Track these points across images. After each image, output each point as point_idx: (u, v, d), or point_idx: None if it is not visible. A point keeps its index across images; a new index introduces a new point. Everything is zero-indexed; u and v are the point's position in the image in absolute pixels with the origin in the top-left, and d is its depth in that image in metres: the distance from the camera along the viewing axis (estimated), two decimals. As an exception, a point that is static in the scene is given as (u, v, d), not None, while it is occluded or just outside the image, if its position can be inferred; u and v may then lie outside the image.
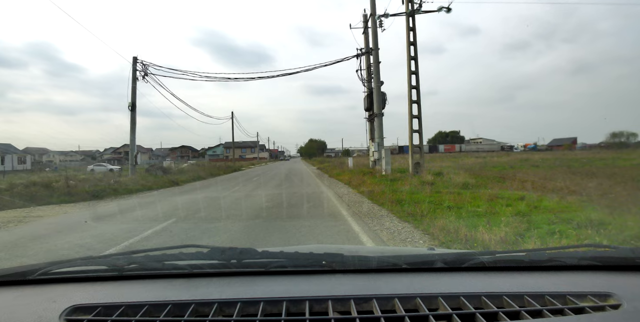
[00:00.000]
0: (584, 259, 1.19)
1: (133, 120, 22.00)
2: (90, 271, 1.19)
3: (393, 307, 0.96)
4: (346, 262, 1.17)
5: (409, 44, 16.16)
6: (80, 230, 6.86)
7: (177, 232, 6.26)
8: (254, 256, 1.19)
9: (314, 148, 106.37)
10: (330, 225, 6.58)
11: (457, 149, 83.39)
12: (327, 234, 5.87)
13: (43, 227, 7.48)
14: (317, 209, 8.62)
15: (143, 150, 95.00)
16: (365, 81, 21.31)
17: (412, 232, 5.84)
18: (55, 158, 78.60)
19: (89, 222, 7.75)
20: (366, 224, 6.57)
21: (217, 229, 6.41)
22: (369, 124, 21.65)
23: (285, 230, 6.15)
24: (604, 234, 4.69)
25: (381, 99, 19.20)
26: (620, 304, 0.92)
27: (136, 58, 22.15)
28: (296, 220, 7.02)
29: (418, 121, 16.15)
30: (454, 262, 1.19)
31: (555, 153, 47.28)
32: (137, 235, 6.05)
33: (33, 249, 5.48)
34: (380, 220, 6.97)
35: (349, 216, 7.46)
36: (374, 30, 19.32)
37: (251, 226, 6.63)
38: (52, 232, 6.78)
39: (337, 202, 9.82)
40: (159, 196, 13.59)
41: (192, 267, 1.16)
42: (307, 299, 0.98)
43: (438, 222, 5.90)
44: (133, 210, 9.61)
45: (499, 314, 0.90)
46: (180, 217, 7.69)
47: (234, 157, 62.03)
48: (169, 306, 0.95)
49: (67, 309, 0.95)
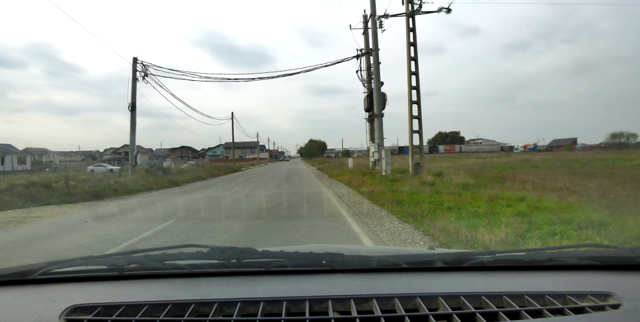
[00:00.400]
0: (584, 258, 1.19)
1: (133, 121, 22.01)
2: (90, 271, 1.19)
3: (393, 307, 0.96)
4: (346, 262, 1.17)
5: (409, 45, 16.17)
6: (80, 230, 6.85)
7: (176, 232, 6.25)
8: (254, 256, 1.19)
9: (314, 148, 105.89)
10: (330, 226, 6.57)
11: (457, 150, 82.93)
12: (328, 234, 5.86)
13: (43, 227, 7.46)
14: (317, 210, 8.61)
15: (143, 150, 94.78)
16: (366, 82, 21.33)
17: (412, 233, 5.83)
18: (55, 158, 78.63)
19: (89, 222, 7.75)
20: (366, 225, 6.56)
21: (216, 229, 6.40)
22: (369, 124, 21.66)
23: (285, 231, 6.14)
24: (605, 234, 4.69)
25: (381, 99, 19.20)
26: (620, 304, 0.92)
27: (136, 59, 22.18)
28: (296, 220, 7.01)
29: (418, 122, 16.14)
30: (454, 262, 1.20)
31: (555, 154, 47.23)
32: (137, 236, 6.04)
33: (33, 248, 5.48)
34: (380, 221, 6.96)
35: (349, 217, 7.46)
36: (374, 31, 19.34)
37: (251, 227, 6.63)
38: (52, 233, 6.78)
39: (337, 203, 9.79)
40: (158, 196, 13.56)
41: (192, 267, 1.16)
42: (307, 298, 0.98)
43: (438, 223, 5.88)
44: (133, 210, 9.56)
45: (499, 313, 0.90)
46: (180, 218, 7.68)
47: (234, 157, 61.93)
48: (169, 305, 0.95)
49: (67, 309, 0.95)
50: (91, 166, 47.44)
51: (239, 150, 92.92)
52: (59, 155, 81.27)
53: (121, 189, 14.56)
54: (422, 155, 16.31)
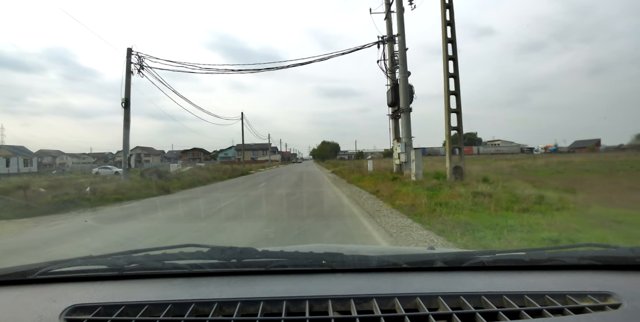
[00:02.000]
0: (584, 258, 1.18)
1: (127, 119, 19.57)
2: (90, 271, 1.18)
3: (393, 306, 0.96)
4: (346, 262, 1.16)
5: (444, 25, 13.41)
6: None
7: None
8: (254, 256, 1.18)
9: (327, 150, 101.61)
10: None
11: (475, 152, 77.75)
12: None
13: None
14: (346, 242, 5.51)
15: (155, 152, 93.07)
16: (389, 72, 18.43)
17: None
18: (68, 160, 77.80)
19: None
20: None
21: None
22: (393, 121, 18.74)
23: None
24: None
25: (408, 91, 16.48)
26: (620, 304, 0.92)
27: (131, 49, 19.83)
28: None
29: (457, 117, 13.29)
30: (454, 262, 1.19)
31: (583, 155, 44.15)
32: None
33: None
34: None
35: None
36: (399, 13, 16.60)
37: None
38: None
39: (372, 228, 6.52)
40: (129, 210, 10.73)
41: (192, 267, 1.15)
42: (307, 298, 0.97)
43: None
44: (66, 240, 6.59)
45: (499, 313, 0.89)
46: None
47: (243, 159, 60.08)
48: (169, 305, 0.95)
49: (67, 309, 0.95)
50: (96, 168, 46.33)
51: (250, 152, 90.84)
52: (71, 158, 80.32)
53: (95, 198, 11.92)
54: (462, 157, 13.42)
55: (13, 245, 6.43)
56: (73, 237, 6.92)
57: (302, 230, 6.28)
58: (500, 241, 4.89)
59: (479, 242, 4.95)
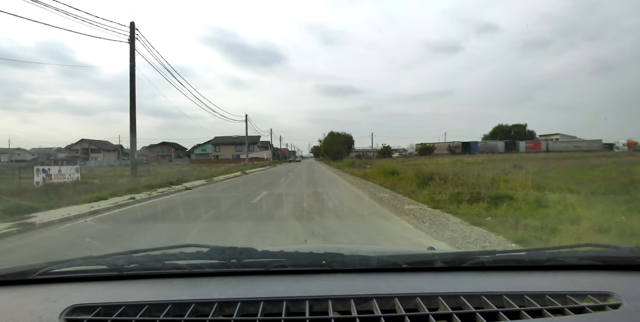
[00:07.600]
0: (584, 258, 1.18)
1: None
2: (90, 271, 1.18)
3: (393, 306, 0.96)
4: (346, 262, 1.17)
5: None
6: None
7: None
8: (254, 256, 1.18)
9: (338, 144, 65.64)
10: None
11: (544, 148, 62.54)
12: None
13: None
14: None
15: (110, 147, 74.91)
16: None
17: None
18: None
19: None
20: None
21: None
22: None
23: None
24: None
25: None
26: (620, 304, 0.92)
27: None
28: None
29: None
30: (454, 262, 1.19)
31: None
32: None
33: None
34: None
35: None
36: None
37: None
38: None
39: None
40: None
41: (192, 267, 1.15)
42: (307, 298, 0.98)
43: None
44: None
45: (499, 313, 0.90)
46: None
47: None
48: (169, 305, 0.95)
49: (67, 309, 0.95)
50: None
51: (231, 148, 74.59)
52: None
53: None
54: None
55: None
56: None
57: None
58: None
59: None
